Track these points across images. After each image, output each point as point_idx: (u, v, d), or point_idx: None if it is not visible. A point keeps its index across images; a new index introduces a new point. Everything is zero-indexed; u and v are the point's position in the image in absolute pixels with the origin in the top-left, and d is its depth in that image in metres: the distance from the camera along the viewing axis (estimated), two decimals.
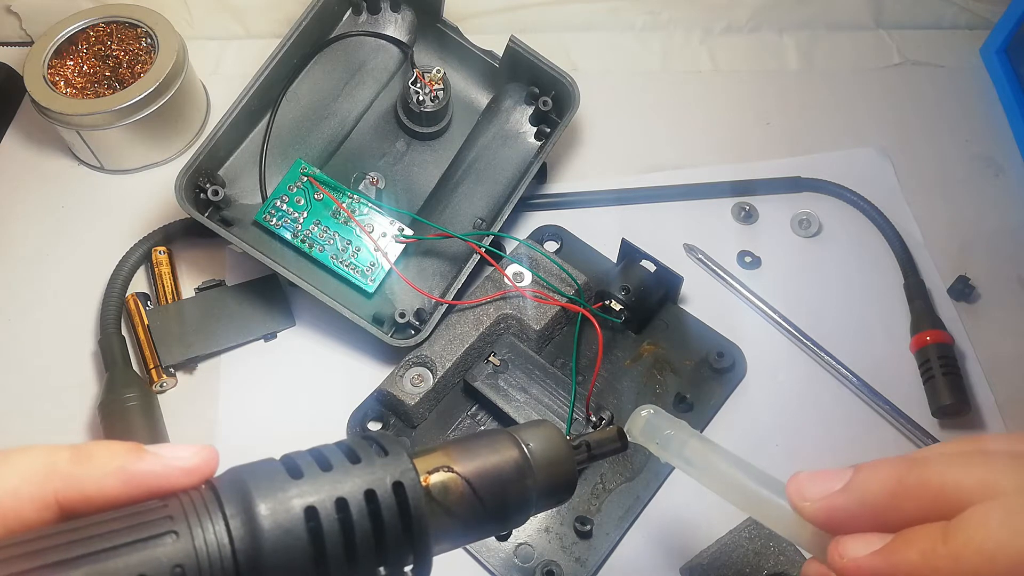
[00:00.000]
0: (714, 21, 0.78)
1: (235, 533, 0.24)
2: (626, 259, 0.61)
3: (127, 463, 0.25)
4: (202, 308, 0.61)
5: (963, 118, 0.73)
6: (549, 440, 0.31)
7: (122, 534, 0.23)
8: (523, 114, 0.66)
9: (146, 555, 0.23)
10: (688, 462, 0.37)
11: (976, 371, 0.59)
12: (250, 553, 0.24)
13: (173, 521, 0.24)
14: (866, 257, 0.65)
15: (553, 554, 0.52)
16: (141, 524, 0.23)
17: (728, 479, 0.35)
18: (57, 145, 0.70)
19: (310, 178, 0.62)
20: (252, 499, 0.24)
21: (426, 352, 0.57)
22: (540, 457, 0.30)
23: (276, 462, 0.26)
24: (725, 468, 0.35)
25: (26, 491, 0.24)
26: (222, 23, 0.77)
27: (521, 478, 0.30)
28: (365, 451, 0.27)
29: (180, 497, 0.25)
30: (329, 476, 0.26)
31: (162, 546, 0.23)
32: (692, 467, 0.37)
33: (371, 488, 0.26)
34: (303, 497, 0.25)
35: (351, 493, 0.25)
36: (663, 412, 0.38)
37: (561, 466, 0.31)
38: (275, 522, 0.24)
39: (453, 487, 0.28)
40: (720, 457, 0.36)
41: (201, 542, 0.23)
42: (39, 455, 0.25)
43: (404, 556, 0.26)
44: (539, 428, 0.32)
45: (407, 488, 0.26)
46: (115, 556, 0.22)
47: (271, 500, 0.24)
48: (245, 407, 0.58)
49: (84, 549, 0.22)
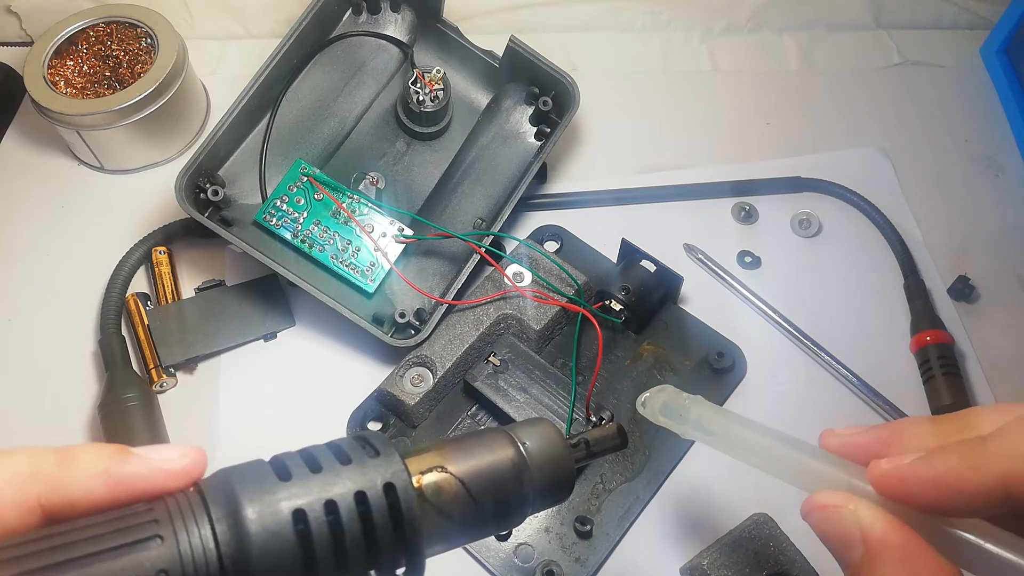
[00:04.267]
0: (714, 21, 0.78)
1: (221, 537, 0.23)
2: (626, 259, 0.61)
3: (112, 466, 0.25)
4: (202, 308, 0.61)
5: (963, 118, 0.73)
6: (546, 438, 0.30)
7: (106, 539, 0.23)
8: (523, 114, 0.66)
9: (130, 560, 0.22)
10: (711, 434, 0.37)
11: (976, 371, 0.59)
12: (236, 557, 0.23)
13: (158, 525, 0.23)
14: (866, 257, 0.65)
15: (553, 554, 0.52)
16: (126, 528, 0.23)
17: (757, 445, 0.34)
18: (57, 145, 0.70)
19: (310, 178, 0.62)
20: (239, 502, 0.24)
21: (426, 352, 0.57)
22: (537, 455, 0.30)
23: (264, 463, 0.26)
24: (751, 435, 0.35)
25: (8, 495, 0.24)
26: (222, 23, 0.77)
27: (517, 477, 0.29)
28: (356, 452, 0.26)
29: (166, 500, 0.24)
30: (318, 478, 0.25)
31: (147, 551, 0.23)
32: (715, 438, 0.36)
33: (361, 490, 0.25)
34: (291, 500, 0.24)
35: (341, 495, 0.25)
36: (676, 389, 0.39)
37: (558, 464, 0.30)
38: (262, 525, 0.24)
39: (447, 487, 0.28)
40: (744, 426, 0.35)
41: (187, 546, 0.23)
42: (22, 458, 0.24)
43: (396, 559, 0.26)
44: (536, 426, 0.31)
45: (398, 489, 0.26)
46: (99, 561, 0.22)
47: (258, 503, 0.24)
48: (245, 407, 0.58)
49: (67, 554, 0.22)
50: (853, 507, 0.28)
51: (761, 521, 0.51)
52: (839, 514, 0.29)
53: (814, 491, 0.30)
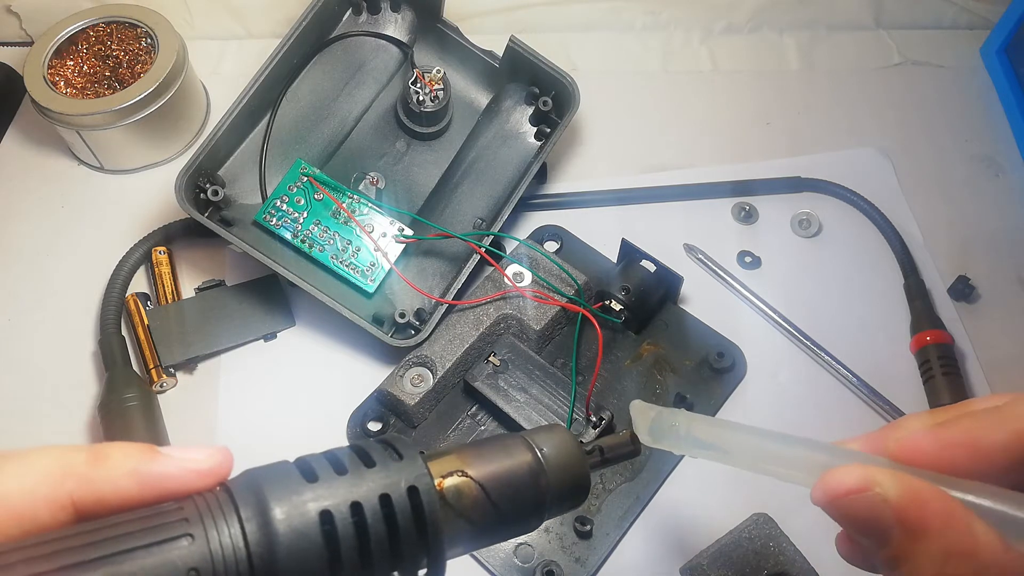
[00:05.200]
0: (714, 21, 0.78)
1: (250, 536, 0.24)
2: (626, 259, 0.61)
3: (141, 465, 0.25)
4: (202, 308, 0.61)
5: (963, 118, 0.73)
6: (563, 445, 0.31)
7: (138, 536, 0.23)
8: (523, 114, 0.66)
9: (162, 558, 0.23)
10: (704, 447, 0.35)
11: (976, 371, 0.59)
12: (265, 557, 0.24)
13: (188, 524, 0.24)
14: (866, 257, 0.65)
15: (553, 554, 0.52)
16: (156, 527, 0.23)
17: (752, 449, 0.33)
18: (57, 145, 0.70)
19: (310, 178, 0.62)
20: (267, 502, 0.24)
21: (426, 352, 0.57)
22: (553, 462, 0.30)
23: (291, 465, 0.26)
24: (743, 439, 0.34)
25: (42, 492, 0.24)
26: (222, 23, 0.77)
27: (535, 482, 0.30)
28: (379, 455, 0.27)
29: (195, 499, 0.25)
30: (344, 480, 0.26)
31: (177, 549, 0.23)
32: (711, 450, 0.35)
33: (386, 492, 0.26)
34: (318, 501, 0.25)
35: (366, 497, 0.25)
36: (654, 406, 0.37)
37: (575, 470, 0.31)
38: (290, 526, 0.24)
39: (467, 491, 0.28)
40: (734, 431, 0.34)
41: (216, 545, 0.23)
42: (55, 455, 0.25)
43: (418, 560, 0.26)
44: (552, 432, 0.31)
45: (422, 492, 0.26)
46: (131, 559, 0.22)
47: (286, 503, 0.24)
48: (245, 407, 0.59)
49: (100, 551, 0.22)
50: (879, 487, 0.26)
51: (761, 521, 0.51)
52: (865, 497, 0.26)
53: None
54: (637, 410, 0.37)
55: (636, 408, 0.37)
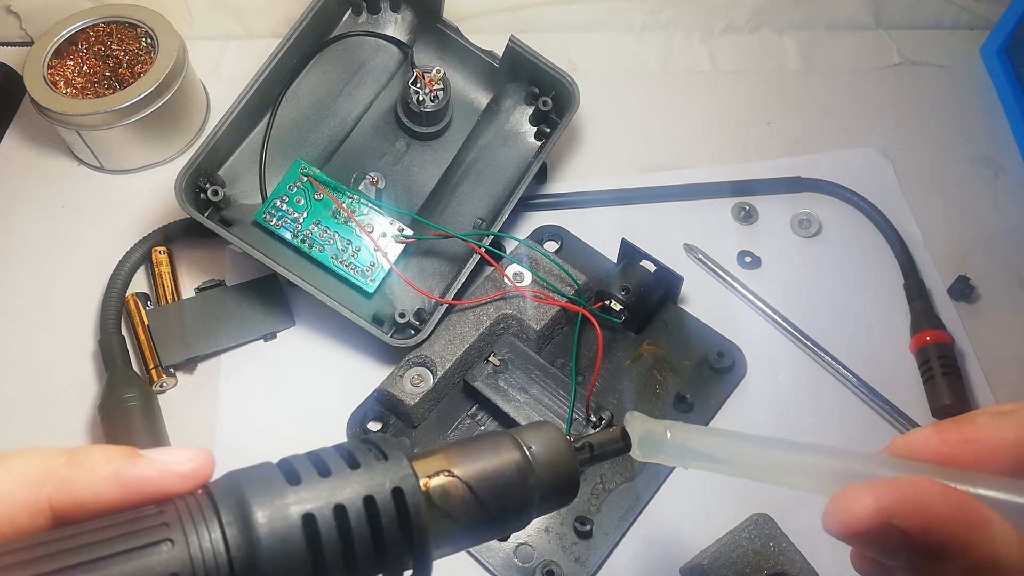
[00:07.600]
0: (714, 21, 0.78)
1: (231, 541, 0.23)
2: (626, 259, 0.61)
3: (121, 468, 0.25)
4: (202, 308, 0.61)
5: (963, 118, 0.73)
6: (551, 442, 0.30)
7: (117, 542, 0.23)
8: (523, 114, 0.66)
9: (141, 563, 0.22)
10: (695, 457, 0.35)
11: (976, 371, 0.59)
12: (247, 562, 0.23)
13: (169, 528, 0.23)
14: (866, 257, 0.65)
15: (553, 554, 0.52)
16: (136, 531, 0.23)
17: (749, 458, 0.33)
18: (57, 145, 0.70)
19: (310, 178, 0.62)
20: (249, 506, 0.24)
21: (426, 352, 0.57)
22: (542, 459, 0.30)
23: (273, 467, 0.26)
24: (740, 448, 0.34)
25: (20, 496, 0.24)
26: (222, 23, 0.77)
27: (523, 481, 0.29)
28: (364, 455, 0.27)
29: (176, 503, 0.24)
30: (327, 482, 0.25)
31: (157, 554, 0.23)
32: (702, 461, 0.35)
33: (370, 494, 0.25)
34: (301, 504, 0.24)
35: (350, 499, 0.25)
36: (647, 419, 0.35)
37: (563, 468, 0.30)
38: (272, 530, 0.24)
39: (453, 491, 0.28)
40: (730, 440, 0.34)
41: (197, 550, 0.23)
42: (33, 459, 0.24)
43: (403, 562, 0.26)
44: (541, 429, 0.31)
45: (407, 494, 0.26)
46: (110, 564, 0.22)
47: (268, 507, 0.24)
48: (245, 407, 0.59)
49: (79, 557, 0.22)
50: (896, 520, 0.24)
51: (761, 521, 0.51)
52: (882, 531, 0.25)
53: (831, 491, 0.27)
54: (631, 423, 0.37)
55: (630, 420, 0.37)
